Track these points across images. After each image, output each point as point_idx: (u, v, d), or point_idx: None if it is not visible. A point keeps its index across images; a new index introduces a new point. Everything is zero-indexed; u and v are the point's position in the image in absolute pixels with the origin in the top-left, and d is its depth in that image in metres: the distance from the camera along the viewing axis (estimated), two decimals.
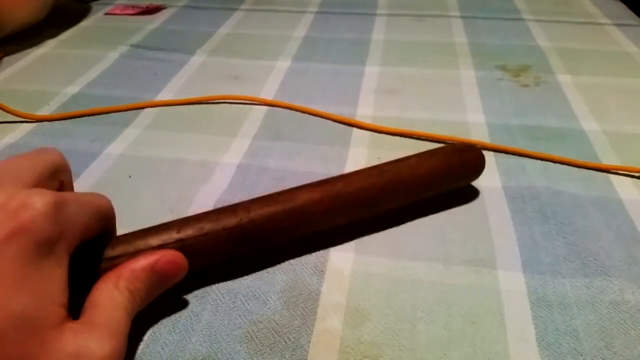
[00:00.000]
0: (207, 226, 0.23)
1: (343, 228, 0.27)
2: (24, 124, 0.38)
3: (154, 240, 0.23)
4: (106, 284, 0.20)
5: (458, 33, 0.54)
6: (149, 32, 0.55)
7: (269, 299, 0.24)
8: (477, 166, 0.29)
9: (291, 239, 0.26)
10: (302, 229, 0.26)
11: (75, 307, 0.19)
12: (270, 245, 0.26)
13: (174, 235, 0.23)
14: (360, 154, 0.34)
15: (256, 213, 0.24)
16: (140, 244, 0.22)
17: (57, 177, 0.21)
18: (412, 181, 0.27)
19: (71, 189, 0.23)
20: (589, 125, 0.37)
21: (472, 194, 0.30)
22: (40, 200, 0.17)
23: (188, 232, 0.23)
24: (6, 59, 0.49)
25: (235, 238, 0.24)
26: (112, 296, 0.20)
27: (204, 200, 0.30)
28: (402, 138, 0.36)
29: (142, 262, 0.21)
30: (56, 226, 0.18)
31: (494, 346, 0.22)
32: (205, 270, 0.25)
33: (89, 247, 0.21)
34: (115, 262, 0.22)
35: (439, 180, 0.28)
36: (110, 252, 0.22)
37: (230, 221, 0.24)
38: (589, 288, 0.24)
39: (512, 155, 0.34)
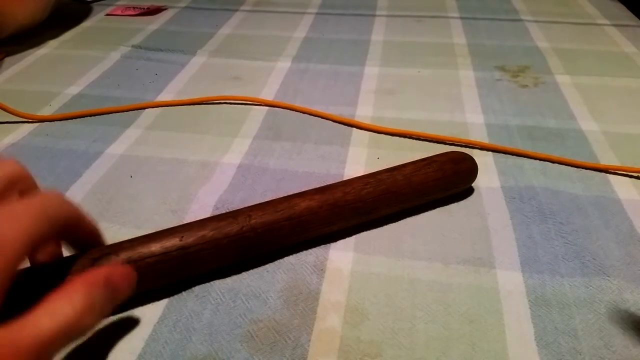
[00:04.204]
0: (209, 234, 0.24)
1: (343, 228, 0.27)
2: (26, 124, 0.38)
3: (157, 248, 0.23)
4: (58, 298, 0.18)
5: (457, 34, 0.54)
6: (150, 32, 0.55)
7: (269, 298, 0.24)
8: (470, 175, 0.30)
9: (290, 245, 0.26)
10: (301, 236, 0.26)
11: None
12: (269, 250, 0.26)
13: (176, 243, 0.23)
14: (359, 154, 0.34)
15: (257, 222, 0.25)
16: (143, 250, 0.23)
17: (15, 189, 0.20)
18: (408, 190, 0.27)
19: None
20: (588, 125, 0.37)
21: (471, 194, 0.31)
22: None
23: (190, 240, 0.23)
24: (8, 59, 0.49)
25: (236, 246, 0.24)
26: (58, 310, 0.18)
27: (205, 200, 0.30)
28: (402, 138, 0.36)
29: (95, 275, 0.20)
30: None
31: (493, 345, 0.22)
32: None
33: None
34: None
35: (433, 188, 0.28)
36: (114, 259, 0.22)
37: (232, 229, 0.24)
38: (588, 287, 0.25)
39: (510, 156, 0.34)
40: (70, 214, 0.21)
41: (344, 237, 0.27)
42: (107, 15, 0.61)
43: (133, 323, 0.23)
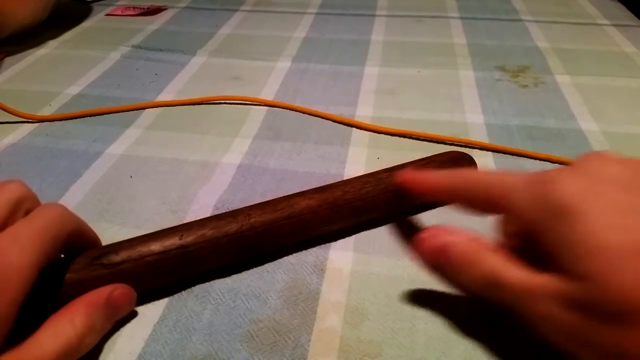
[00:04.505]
0: (209, 233, 0.24)
1: (343, 228, 0.27)
2: (26, 124, 0.38)
3: (156, 247, 0.23)
4: (60, 320, 0.20)
5: (457, 34, 0.54)
6: (150, 32, 0.55)
7: (269, 298, 0.24)
8: None
9: (290, 244, 0.26)
10: (301, 236, 0.26)
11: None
12: (269, 250, 0.26)
13: (176, 242, 0.23)
14: (359, 154, 0.34)
15: (256, 220, 0.24)
16: (143, 249, 0.23)
17: (21, 209, 0.21)
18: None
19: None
20: (588, 125, 0.37)
21: None
22: None
23: (189, 239, 0.23)
24: (8, 59, 0.49)
25: (235, 245, 0.24)
26: (60, 331, 0.19)
27: (205, 200, 0.30)
28: (402, 138, 0.36)
29: (96, 296, 0.21)
30: None
31: (493, 346, 0.22)
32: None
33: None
34: (119, 267, 0.22)
35: None
36: (114, 258, 0.22)
37: (231, 228, 0.24)
38: None
39: (510, 156, 0.34)
40: (72, 228, 0.22)
41: (343, 237, 0.27)
42: (107, 15, 0.61)
43: (133, 323, 0.23)
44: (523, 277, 0.18)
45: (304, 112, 0.39)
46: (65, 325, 0.19)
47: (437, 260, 0.21)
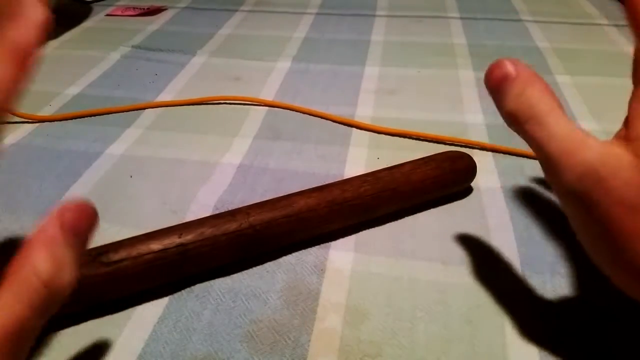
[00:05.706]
0: (208, 231, 0.24)
1: (342, 227, 0.27)
2: (26, 125, 0.38)
3: (156, 245, 0.23)
4: (20, 274, 0.16)
5: (457, 34, 0.54)
6: (150, 33, 0.55)
7: (269, 298, 0.24)
8: (469, 173, 0.30)
9: (289, 244, 0.26)
10: (300, 235, 0.26)
11: None
12: (269, 249, 0.26)
13: (175, 240, 0.23)
14: (359, 154, 0.34)
15: (255, 219, 0.25)
16: (142, 248, 0.23)
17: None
18: (406, 188, 0.27)
19: None
20: (588, 125, 0.37)
21: (471, 194, 0.31)
22: None
23: (189, 237, 0.23)
24: None
25: (234, 243, 0.24)
26: (24, 288, 0.16)
27: (205, 200, 0.30)
28: (401, 138, 0.36)
29: (49, 232, 0.17)
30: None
31: (493, 346, 0.22)
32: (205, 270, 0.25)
33: None
34: (119, 265, 0.22)
35: (431, 186, 0.28)
36: (114, 256, 0.22)
37: (230, 226, 0.24)
38: (589, 288, 0.25)
39: (510, 156, 0.34)
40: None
41: (343, 237, 0.27)
42: (107, 15, 0.61)
43: (133, 323, 0.23)
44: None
45: (304, 112, 0.39)
46: (28, 279, 0.16)
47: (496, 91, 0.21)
